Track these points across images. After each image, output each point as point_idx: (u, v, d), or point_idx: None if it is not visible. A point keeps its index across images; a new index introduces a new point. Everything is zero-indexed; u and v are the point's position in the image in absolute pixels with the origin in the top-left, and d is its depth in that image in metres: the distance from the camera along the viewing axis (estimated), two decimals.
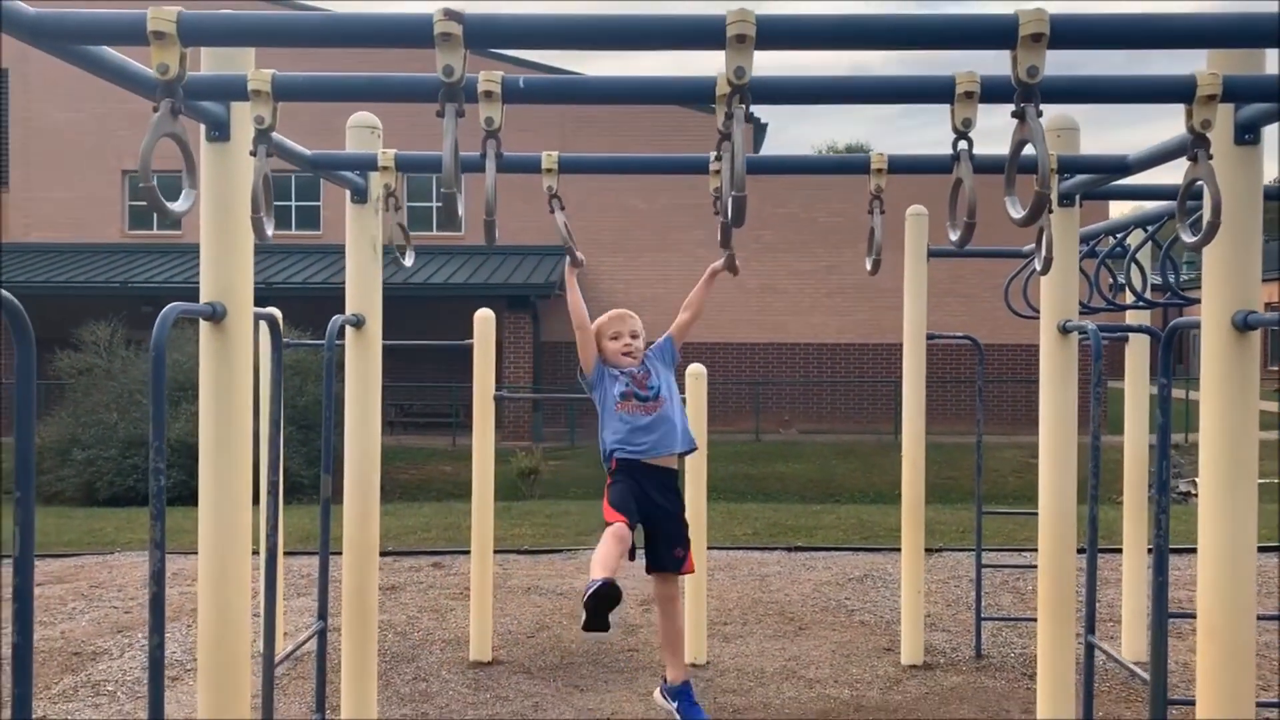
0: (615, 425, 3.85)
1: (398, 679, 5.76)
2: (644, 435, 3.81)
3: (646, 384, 3.86)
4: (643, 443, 3.81)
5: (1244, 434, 2.53)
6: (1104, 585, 7.40)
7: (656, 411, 3.82)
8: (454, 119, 2.03)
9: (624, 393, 3.83)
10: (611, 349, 3.87)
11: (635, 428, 3.81)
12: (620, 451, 3.83)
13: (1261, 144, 2.58)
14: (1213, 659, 2.59)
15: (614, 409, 3.84)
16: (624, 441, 3.82)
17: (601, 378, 3.90)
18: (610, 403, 3.85)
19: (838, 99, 2.17)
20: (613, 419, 3.85)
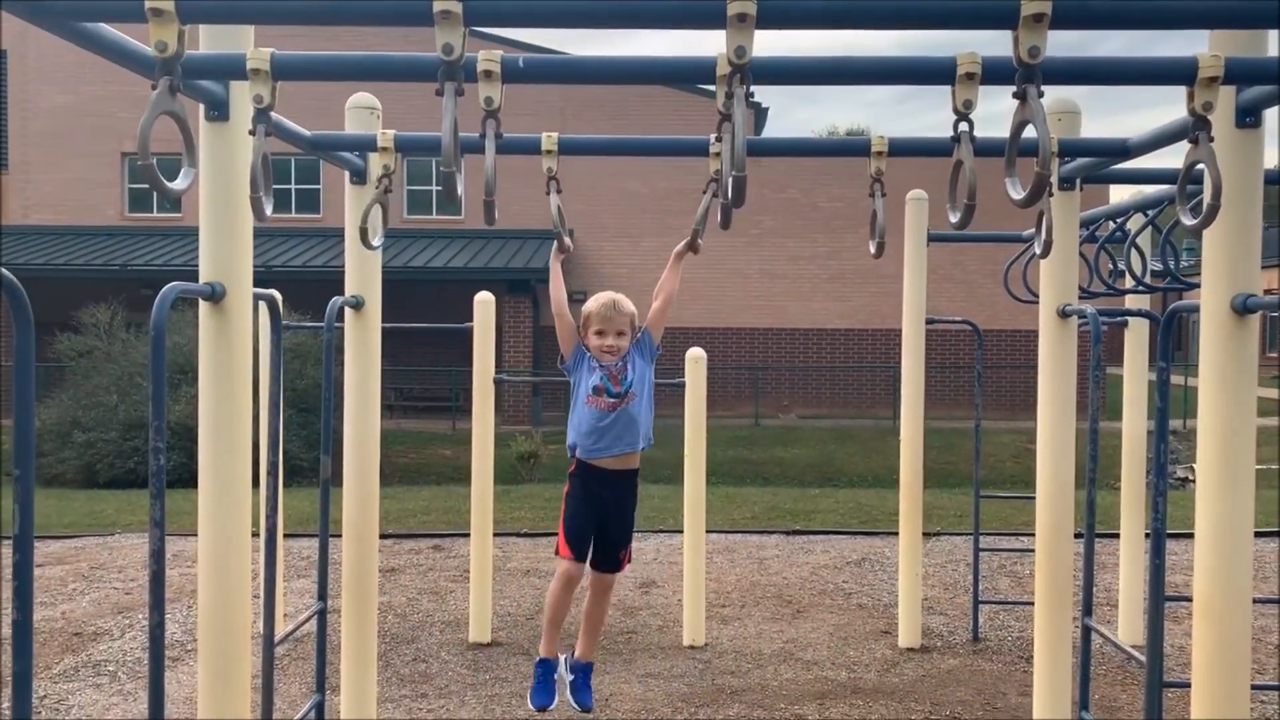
0: (579, 419, 3.82)
1: (397, 660, 5.79)
2: (604, 435, 3.78)
3: (621, 379, 3.81)
4: (601, 444, 3.79)
5: (1242, 416, 2.54)
6: (1101, 570, 7.42)
7: (620, 409, 3.78)
8: (453, 98, 2.02)
9: (596, 387, 3.78)
10: (594, 344, 3.81)
11: (596, 426, 3.78)
12: (580, 451, 3.83)
13: (1263, 127, 2.57)
14: (1209, 641, 2.60)
15: (583, 401, 3.79)
16: (585, 439, 3.80)
17: (580, 364, 3.84)
18: (581, 394, 3.81)
19: (839, 80, 2.16)
20: (579, 410, 3.82)
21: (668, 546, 8.53)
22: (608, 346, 3.79)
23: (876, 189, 2.92)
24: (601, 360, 3.79)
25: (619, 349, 3.80)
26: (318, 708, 3.61)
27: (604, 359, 3.79)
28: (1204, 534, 2.58)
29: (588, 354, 3.84)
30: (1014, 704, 5.08)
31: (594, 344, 3.80)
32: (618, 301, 3.87)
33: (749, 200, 2.01)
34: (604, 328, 3.80)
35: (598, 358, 3.80)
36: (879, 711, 5.01)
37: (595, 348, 3.79)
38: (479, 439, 6.13)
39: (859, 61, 2.14)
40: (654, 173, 22.79)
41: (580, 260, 23.80)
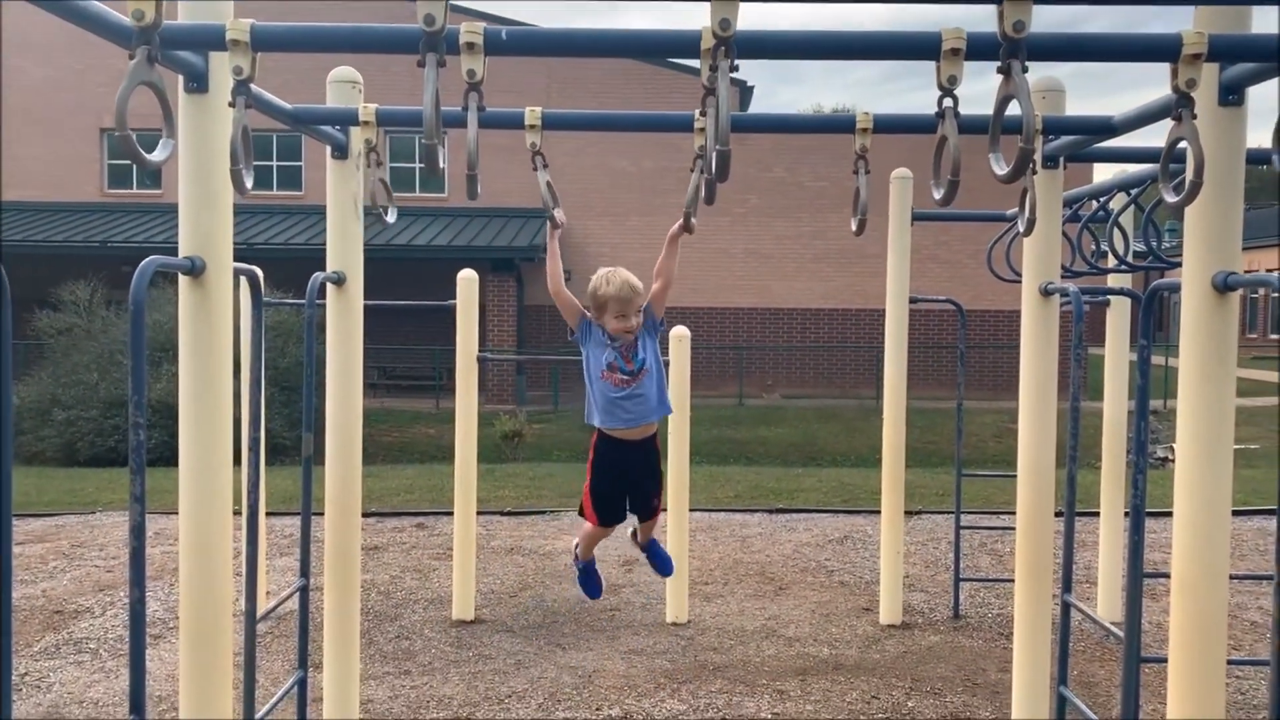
0: (597, 394, 3.92)
1: (381, 637, 5.79)
2: (623, 412, 3.88)
3: (633, 357, 3.87)
4: (622, 419, 3.90)
5: (1222, 394, 2.55)
6: (1081, 548, 7.49)
7: (634, 385, 3.86)
8: (435, 69, 2.00)
9: (610, 363, 3.85)
10: (615, 327, 3.85)
11: (614, 400, 3.87)
12: (601, 422, 3.95)
13: (1245, 105, 2.57)
14: (1186, 617, 2.62)
15: (598, 377, 3.88)
16: (604, 414, 3.92)
17: (588, 337, 3.91)
18: (595, 370, 3.89)
19: (824, 54, 2.15)
20: (596, 385, 3.91)
21: None
22: (629, 327, 3.84)
23: (860, 166, 2.92)
24: (618, 338, 3.86)
25: (637, 327, 3.87)
26: (300, 684, 3.61)
27: (625, 338, 3.85)
28: (1183, 511, 2.60)
29: (595, 327, 3.90)
30: (994, 680, 5.12)
31: (615, 327, 3.84)
32: (632, 282, 3.88)
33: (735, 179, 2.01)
34: (625, 310, 3.83)
35: (618, 336, 3.85)
36: (860, 687, 5.05)
37: (616, 330, 3.84)
38: (462, 418, 6.12)
39: (844, 36, 2.13)
40: (640, 151, 22.74)
41: (566, 239, 23.72)
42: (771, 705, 4.82)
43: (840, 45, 2.13)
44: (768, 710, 4.76)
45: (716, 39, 1.93)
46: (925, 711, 4.76)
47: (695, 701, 4.85)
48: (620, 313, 3.82)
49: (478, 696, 4.91)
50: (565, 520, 8.96)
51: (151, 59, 2.04)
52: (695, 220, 3.30)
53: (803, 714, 4.72)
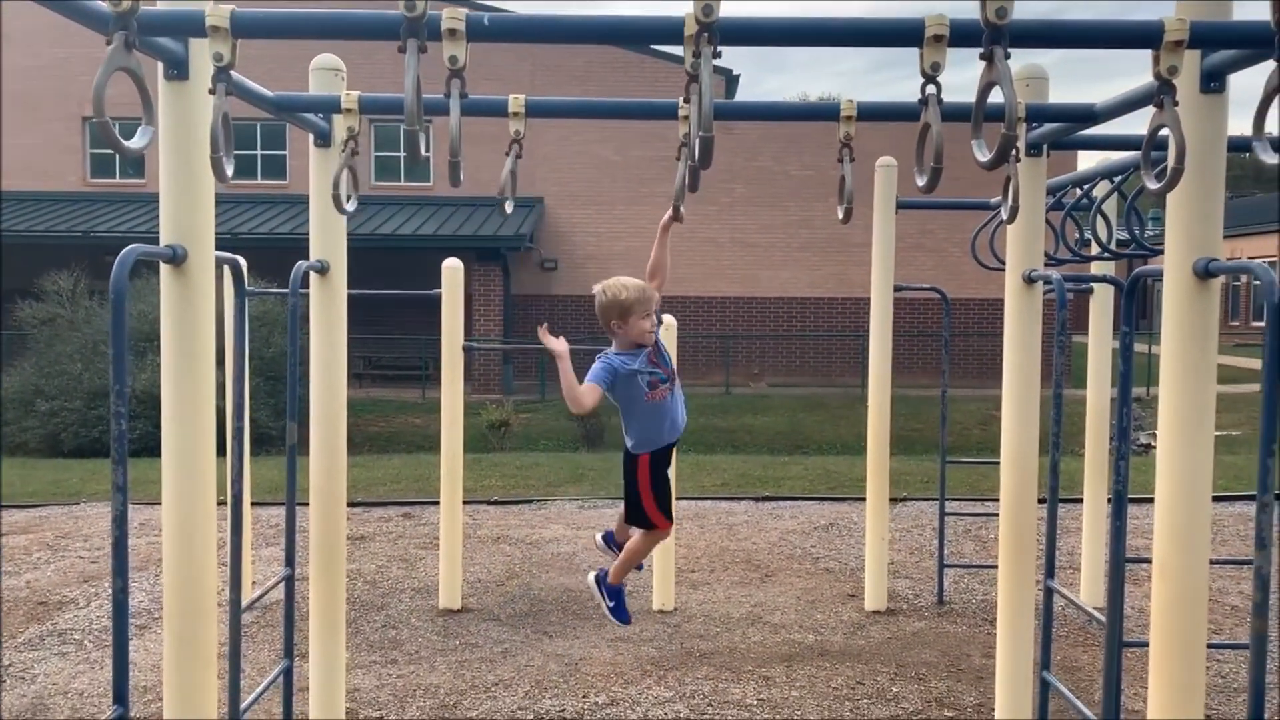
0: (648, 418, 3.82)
1: (367, 626, 5.79)
2: (675, 419, 3.87)
3: (661, 360, 3.87)
4: (670, 429, 3.87)
5: (1203, 379, 2.57)
6: (1064, 534, 7.54)
7: (674, 388, 3.88)
8: (416, 55, 1.99)
9: (651, 382, 3.82)
10: (643, 329, 3.80)
11: (665, 413, 3.84)
12: (654, 446, 3.86)
13: (1226, 92, 2.58)
14: (1167, 602, 2.64)
15: (644, 400, 3.80)
16: (658, 433, 3.84)
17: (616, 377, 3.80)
18: (640, 396, 3.80)
19: (807, 41, 2.15)
20: (645, 409, 3.81)
21: None
22: (652, 326, 3.83)
23: (845, 154, 2.92)
24: (645, 342, 3.81)
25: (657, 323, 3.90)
26: (286, 673, 3.61)
27: (647, 340, 3.82)
28: (1164, 497, 2.62)
29: (618, 360, 3.80)
30: (978, 665, 5.16)
31: (643, 328, 3.79)
32: (641, 282, 3.88)
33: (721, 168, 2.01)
34: (649, 309, 3.82)
35: (643, 341, 3.80)
36: (845, 673, 5.08)
37: (643, 332, 3.80)
38: (448, 407, 6.11)
39: (827, 22, 2.13)
40: (626, 140, 22.69)
41: (550, 228, 23.70)
42: (757, 691, 4.84)
43: (823, 32, 2.13)
44: (753, 696, 4.78)
45: (699, 25, 1.93)
46: (909, 697, 4.79)
47: (682, 688, 4.87)
48: (646, 312, 3.80)
49: (464, 685, 4.92)
50: (552, 509, 8.97)
51: (129, 45, 2.02)
52: (684, 210, 3.29)
53: (788, 700, 4.74)
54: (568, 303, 23.83)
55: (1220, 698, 4.78)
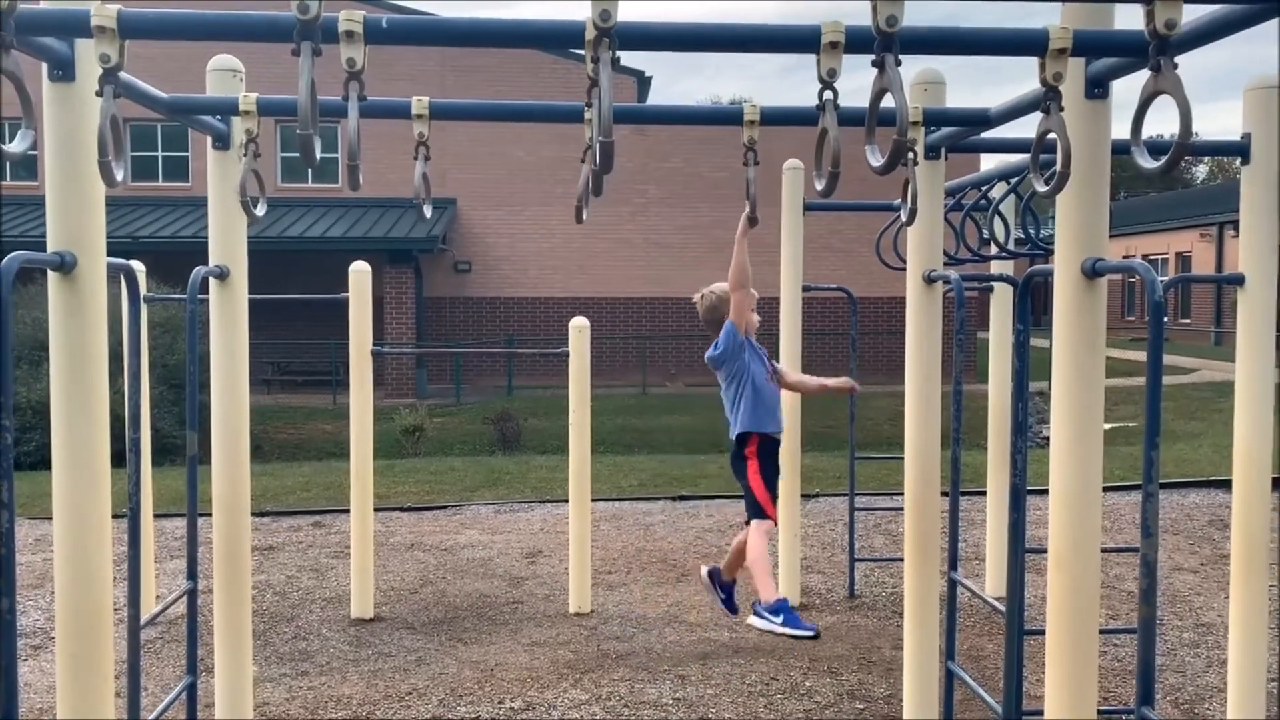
0: (769, 400, 4.00)
1: (277, 639, 5.67)
2: (778, 409, 4.08)
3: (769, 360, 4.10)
4: (780, 418, 4.10)
5: (1093, 373, 2.66)
6: (971, 526, 7.74)
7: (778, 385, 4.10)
8: (310, 58, 1.96)
9: (768, 370, 4.04)
10: (753, 322, 4.01)
11: (775, 400, 4.04)
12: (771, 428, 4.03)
13: (1110, 98, 2.68)
14: (1061, 589, 2.73)
15: (766, 381, 3.99)
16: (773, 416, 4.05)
17: (750, 348, 4.02)
18: (761, 377, 3.98)
19: (704, 46, 2.17)
20: (768, 391, 3.99)
21: (554, 516, 8.55)
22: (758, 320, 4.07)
23: (750, 157, 2.96)
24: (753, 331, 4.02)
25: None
26: (189, 689, 3.51)
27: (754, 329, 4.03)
28: (1057, 488, 2.71)
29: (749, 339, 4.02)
30: (888, 657, 5.26)
31: (754, 321, 4.04)
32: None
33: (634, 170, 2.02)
34: (753, 304, 4.05)
35: (751, 330, 4.02)
36: (759, 669, 5.14)
37: (754, 325, 4.03)
38: (357, 413, 6.01)
39: (724, 28, 2.15)
40: (538, 141, 22.59)
41: (463, 229, 23.50)
42: (673, 690, 4.87)
43: (720, 38, 2.15)
44: (669, 696, 4.81)
45: (597, 30, 1.93)
46: (822, 690, 4.87)
47: (598, 690, 4.87)
48: (752, 306, 4.03)
49: (377, 695, 4.85)
50: (468, 514, 8.89)
51: (5, 45, 1.95)
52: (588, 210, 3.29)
53: (703, 698, 4.78)
54: (482, 305, 23.67)
55: (1117, 680, 4.96)
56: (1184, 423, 15.85)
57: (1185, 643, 5.49)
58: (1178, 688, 4.90)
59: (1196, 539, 7.69)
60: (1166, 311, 22.86)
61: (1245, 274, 3.79)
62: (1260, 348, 3.78)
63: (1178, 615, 5.93)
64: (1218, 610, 5.86)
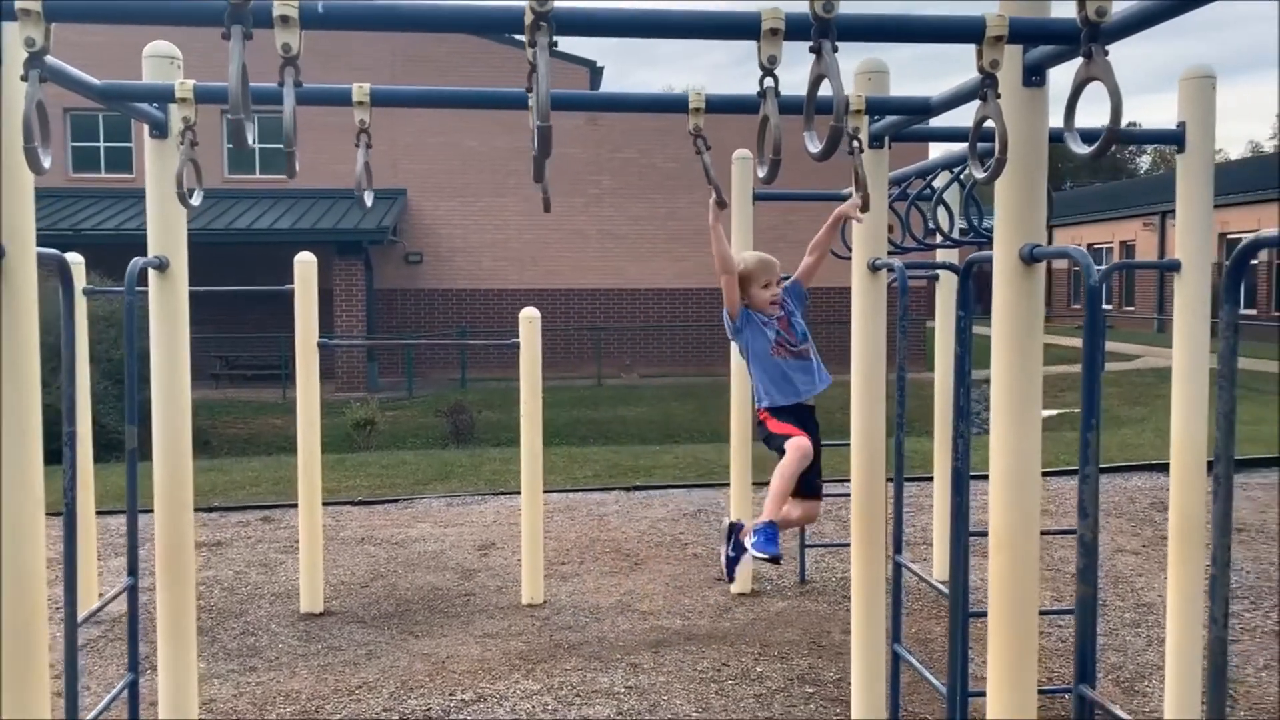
0: (772, 373, 3.93)
1: (224, 634, 5.60)
2: (800, 383, 3.96)
3: (793, 329, 3.98)
4: (800, 389, 3.95)
5: (1030, 360, 2.70)
6: (919, 511, 7.84)
7: (805, 357, 3.98)
8: (240, 42, 1.93)
9: (777, 340, 3.94)
10: (762, 298, 3.93)
11: (790, 373, 3.94)
12: (781, 400, 3.93)
13: (1047, 86, 2.72)
14: (1002, 571, 2.77)
15: (769, 355, 3.93)
16: (784, 389, 3.93)
17: (748, 324, 3.95)
18: (763, 350, 3.93)
19: (643, 33, 2.16)
20: (769, 366, 3.93)
21: (507, 508, 8.53)
22: (774, 296, 3.94)
23: (699, 144, 2.96)
24: (768, 313, 3.94)
25: (780, 296, 3.97)
26: (131, 687, 3.46)
27: (771, 311, 3.94)
28: (997, 472, 2.75)
29: (754, 314, 3.95)
30: (837, 641, 5.32)
31: (764, 297, 3.94)
32: (767, 255, 4.06)
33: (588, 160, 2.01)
34: (769, 279, 3.96)
35: (766, 311, 3.94)
36: (711, 656, 5.16)
37: (764, 301, 3.93)
38: (304, 406, 5.95)
39: (664, 14, 2.15)
40: (490, 130, 22.45)
41: (414, 220, 23.30)
42: (625, 679, 4.88)
43: (660, 24, 2.15)
44: (621, 684, 4.82)
45: (535, 15, 1.92)
46: (773, 675, 4.91)
47: (550, 680, 4.87)
48: (766, 281, 3.94)
49: (327, 689, 4.81)
50: (419, 508, 8.84)
51: None
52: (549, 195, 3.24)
53: (655, 685, 4.80)
54: (434, 297, 23.49)
55: (1061, 660, 5.06)
56: (1128, 408, 16.18)
57: (1127, 622, 5.61)
58: (1119, 666, 5.00)
59: (1139, 521, 7.85)
60: (1110, 299, 23.30)
61: (1181, 260, 3.87)
62: (1195, 333, 3.86)
63: (1120, 596, 6.05)
64: (1158, 590, 5.99)
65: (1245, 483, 9.10)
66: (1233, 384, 1.95)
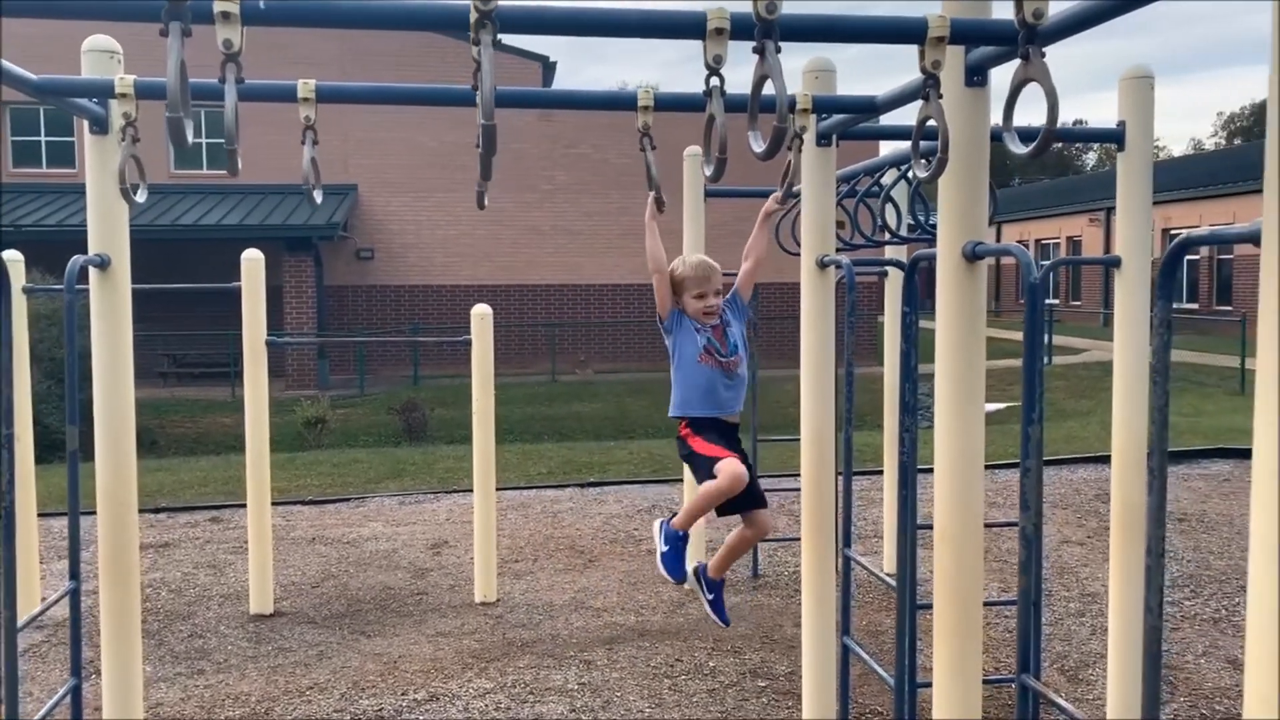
0: (696, 380, 3.79)
1: (172, 637, 5.52)
2: (724, 393, 3.81)
3: (725, 340, 3.84)
4: (722, 403, 3.80)
5: (973, 353, 2.74)
6: (870, 505, 7.92)
7: (733, 370, 3.83)
8: (179, 38, 1.90)
9: (706, 348, 3.80)
10: (694, 308, 3.80)
11: (715, 385, 3.78)
12: (699, 411, 3.78)
13: (989, 86, 2.76)
14: (947, 564, 2.82)
15: (696, 362, 3.78)
16: (705, 399, 3.78)
17: (678, 326, 3.83)
18: (690, 355, 3.79)
19: (588, 31, 2.17)
20: (692, 370, 3.79)
21: (461, 506, 8.49)
22: (709, 307, 3.80)
23: (645, 142, 2.97)
24: (701, 322, 3.80)
25: (717, 308, 3.83)
26: (74, 692, 3.41)
27: (704, 320, 3.80)
28: (941, 465, 2.79)
29: (685, 317, 3.82)
30: (790, 635, 5.36)
31: (695, 307, 3.79)
32: (710, 262, 3.87)
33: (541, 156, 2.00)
34: (704, 290, 3.80)
35: (698, 320, 3.79)
36: (664, 651, 5.19)
37: (696, 310, 3.79)
38: (252, 404, 5.87)
39: (609, 13, 2.15)
40: (442, 126, 22.29)
41: (366, 216, 23.08)
42: (579, 676, 4.89)
43: (605, 23, 2.15)
44: (575, 681, 4.82)
45: (479, 13, 1.92)
46: (726, 670, 4.94)
47: (503, 679, 4.86)
48: (699, 292, 3.79)
49: (277, 691, 4.76)
50: (371, 506, 8.77)
51: None
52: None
53: (608, 681, 4.81)
54: (386, 293, 23.30)
55: (1009, 650, 5.14)
56: (1074, 401, 16.47)
57: (1071, 612, 5.72)
58: (1064, 655, 5.09)
59: (1084, 512, 8.00)
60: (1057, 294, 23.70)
61: (1121, 256, 3.95)
62: (1136, 327, 3.94)
63: (1065, 586, 6.17)
64: (1102, 580, 6.11)
65: (1187, 474, 9.31)
66: (1166, 378, 1.99)
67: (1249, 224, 1.73)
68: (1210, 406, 14.93)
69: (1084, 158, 71.69)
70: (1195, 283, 31.53)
